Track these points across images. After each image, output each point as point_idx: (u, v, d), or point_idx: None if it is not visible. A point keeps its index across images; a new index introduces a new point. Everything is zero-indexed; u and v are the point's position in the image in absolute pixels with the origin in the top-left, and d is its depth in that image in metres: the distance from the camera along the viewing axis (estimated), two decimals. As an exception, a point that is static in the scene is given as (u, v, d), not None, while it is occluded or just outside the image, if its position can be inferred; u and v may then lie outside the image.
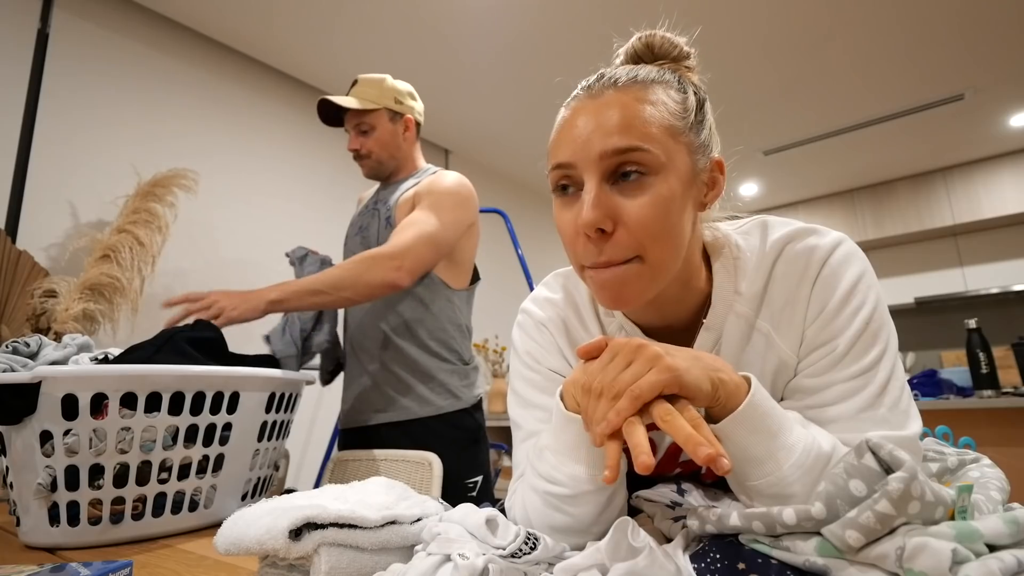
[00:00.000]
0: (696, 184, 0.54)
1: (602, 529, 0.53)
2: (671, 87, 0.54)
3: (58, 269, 1.73)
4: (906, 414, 0.50)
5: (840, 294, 0.53)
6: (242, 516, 0.47)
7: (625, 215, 0.50)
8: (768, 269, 0.56)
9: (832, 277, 0.53)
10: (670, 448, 0.63)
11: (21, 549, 0.70)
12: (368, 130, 1.33)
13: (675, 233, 0.51)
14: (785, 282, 0.55)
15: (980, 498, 0.45)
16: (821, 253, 0.54)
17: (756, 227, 0.59)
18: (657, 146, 0.50)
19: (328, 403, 2.51)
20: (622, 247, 0.50)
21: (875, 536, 0.32)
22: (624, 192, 0.50)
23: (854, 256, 0.54)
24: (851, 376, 0.51)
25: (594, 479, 0.50)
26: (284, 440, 0.96)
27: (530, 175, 3.72)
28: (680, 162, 0.51)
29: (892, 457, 0.33)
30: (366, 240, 1.33)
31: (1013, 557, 0.30)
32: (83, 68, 1.92)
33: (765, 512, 0.36)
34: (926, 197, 3.92)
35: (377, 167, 1.36)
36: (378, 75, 1.38)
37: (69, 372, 0.69)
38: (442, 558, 0.41)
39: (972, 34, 2.41)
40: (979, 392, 2.05)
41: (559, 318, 0.65)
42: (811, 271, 0.54)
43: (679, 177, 0.51)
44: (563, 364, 0.64)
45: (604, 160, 0.50)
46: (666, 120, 0.51)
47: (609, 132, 0.50)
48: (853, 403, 0.50)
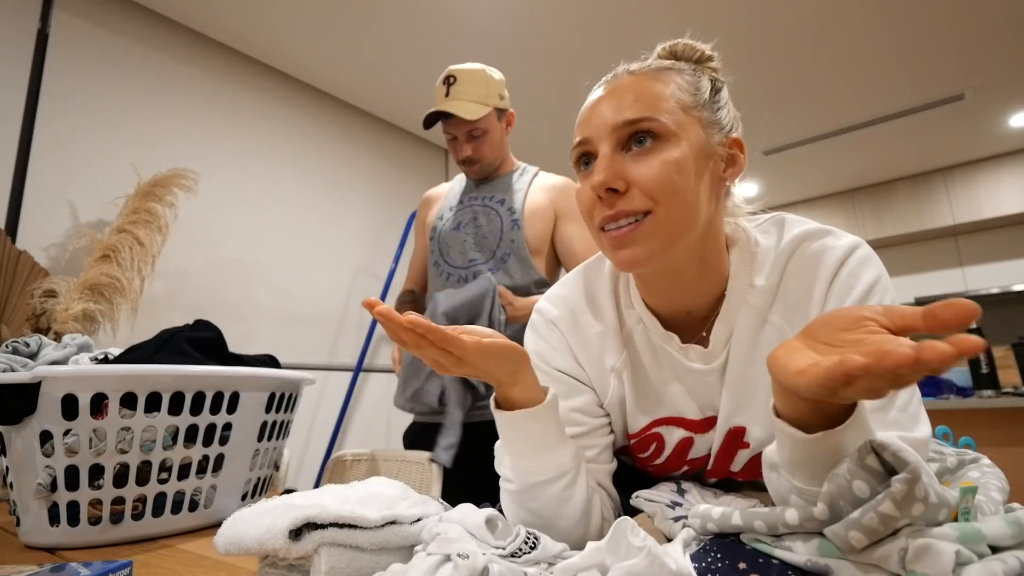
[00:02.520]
0: (712, 158, 0.55)
1: (568, 524, 0.55)
2: (683, 72, 0.57)
3: (58, 269, 1.73)
4: (916, 417, 0.50)
5: (856, 296, 0.53)
6: (242, 516, 0.47)
7: (636, 175, 0.52)
8: (783, 264, 0.56)
9: (850, 279, 0.53)
10: (677, 446, 0.63)
11: (21, 549, 0.70)
12: (481, 135, 1.27)
13: (686, 193, 0.52)
14: (800, 279, 0.56)
15: (981, 499, 0.45)
16: (839, 254, 0.54)
17: (774, 224, 0.60)
18: (666, 116, 0.53)
19: (328, 403, 2.51)
20: (633, 200, 0.52)
21: (878, 537, 0.32)
22: (636, 157, 0.53)
23: (871, 260, 0.54)
24: None
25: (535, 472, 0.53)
26: (284, 440, 0.96)
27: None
28: (692, 133, 0.54)
29: (896, 458, 0.33)
30: (482, 238, 1.28)
31: (1016, 559, 0.30)
32: (83, 68, 1.92)
33: (768, 511, 0.36)
34: (926, 197, 3.92)
35: (487, 169, 1.33)
36: (475, 66, 1.29)
37: (69, 372, 0.69)
38: (442, 558, 0.41)
39: (972, 34, 2.41)
40: (979, 392, 2.05)
41: (570, 313, 0.65)
42: (826, 272, 0.54)
43: (691, 146, 0.53)
44: (570, 363, 0.64)
45: (616, 131, 0.54)
46: (676, 95, 0.55)
47: (621, 107, 0.54)
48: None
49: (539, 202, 1.29)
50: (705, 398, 0.60)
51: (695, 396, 0.60)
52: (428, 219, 1.40)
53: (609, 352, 0.63)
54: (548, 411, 0.53)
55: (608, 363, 0.63)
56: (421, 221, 1.43)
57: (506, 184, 1.33)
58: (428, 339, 0.46)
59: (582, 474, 0.56)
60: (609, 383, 0.63)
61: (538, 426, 0.53)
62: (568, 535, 0.54)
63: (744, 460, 0.61)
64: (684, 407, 0.61)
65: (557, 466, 0.53)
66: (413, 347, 0.47)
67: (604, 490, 0.62)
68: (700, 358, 0.58)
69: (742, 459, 0.61)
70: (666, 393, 0.61)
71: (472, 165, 1.31)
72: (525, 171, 1.37)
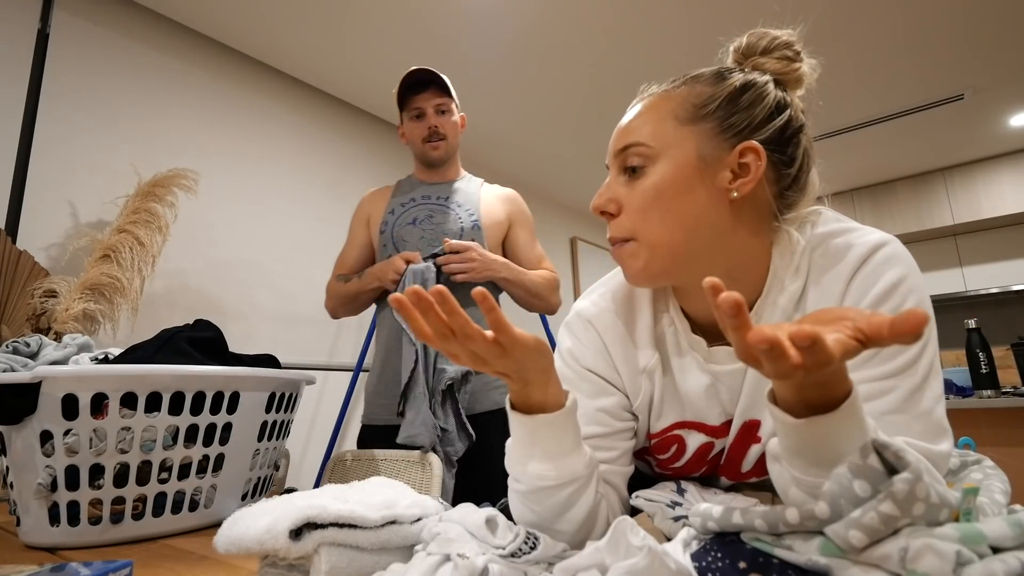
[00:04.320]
0: (713, 169, 0.54)
1: (569, 528, 0.54)
2: (701, 81, 0.57)
3: (58, 269, 1.73)
4: (937, 427, 0.48)
5: (875, 296, 0.51)
6: (242, 516, 0.47)
7: (625, 201, 0.57)
8: (808, 263, 0.56)
9: (871, 276, 0.52)
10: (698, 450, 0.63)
11: (21, 549, 0.70)
12: (447, 111, 1.38)
13: (670, 216, 0.55)
14: (822, 276, 0.55)
15: (984, 500, 0.45)
16: (861, 251, 0.53)
17: (809, 220, 0.58)
18: (653, 138, 0.56)
19: (328, 403, 2.51)
20: (619, 228, 0.57)
21: (878, 537, 0.32)
22: (629, 182, 0.57)
23: (896, 258, 0.53)
24: (880, 376, 0.49)
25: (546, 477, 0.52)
26: (284, 440, 0.96)
27: (530, 175, 3.72)
28: (683, 149, 0.55)
29: (897, 458, 0.33)
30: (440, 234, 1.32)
31: (1017, 560, 0.30)
32: (83, 68, 1.92)
33: (768, 510, 0.36)
34: (926, 197, 3.92)
35: (449, 152, 1.40)
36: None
37: (69, 372, 0.69)
38: (442, 558, 0.41)
39: (972, 34, 2.41)
40: (979, 392, 2.05)
41: (608, 312, 0.65)
42: (847, 268, 0.53)
43: (677, 163, 0.55)
44: (602, 363, 0.64)
45: (617, 157, 0.58)
46: (675, 111, 0.56)
47: (623, 133, 0.58)
48: (879, 404, 0.48)
49: (496, 210, 1.40)
50: (728, 402, 0.60)
51: (718, 400, 0.60)
52: (376, 214, 1.42)
53: (642, 353, 0.63)
54: (567, 417, 0.51)
55: (641, 363, 0.63)
56: (363, 217, 1.45)
57: (457, 188, 1.41)
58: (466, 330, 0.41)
59: (592, 481, 0.54)
60: (640, 384, 0.63)
61: (556, 432, 0.51)
62: (569, 539, 0.54)
63: (755, 457, 0.61)
64: (706, 412, 0.61)
65: (569, 473, 0.52)
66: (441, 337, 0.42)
67: (616, 493, 0.62)
68: (728, 358, 0.59)
69: (753, 456, 0.60)
70: (689, 396, 0.61)
71: (438, 140, 1.37)
72: (471, 179, 1.47)
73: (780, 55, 0.59)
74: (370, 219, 1.43)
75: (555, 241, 4.10)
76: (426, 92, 1.35)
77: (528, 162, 3.49)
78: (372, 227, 1.42)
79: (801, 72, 0.59)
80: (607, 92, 2.68)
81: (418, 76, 1.33)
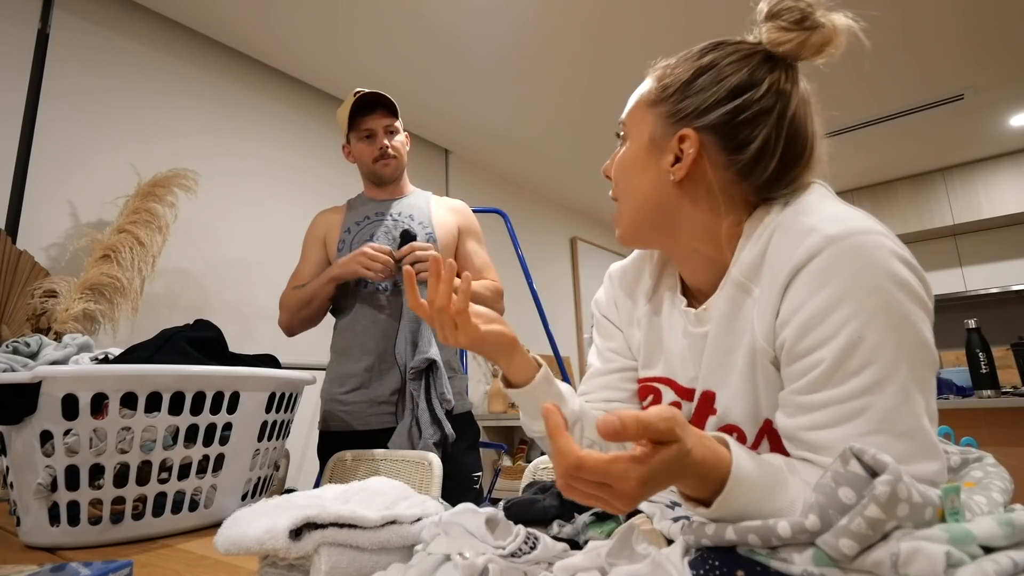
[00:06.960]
0: (657, 150, 0.59)
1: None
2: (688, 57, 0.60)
3: (58, 269, 1.73)
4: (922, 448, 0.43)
5: (808, 315, 0.47)
6: (242, 516, 0.47)
7: (612, 168, 0.66)
8: (768, 236, 0.53)
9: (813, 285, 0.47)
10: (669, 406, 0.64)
11: (21, 549, 0.70)
12: (395, 132, 1.44)
13: (631, 189, 0.63)
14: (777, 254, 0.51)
15: (981, 499, 0.44)
16: (815, 241, 0.47)
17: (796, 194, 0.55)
18: (628, 116, 0.64)
19: (328, 403, 2.51)
20: (612, 189, 0.66)
21: (868, 542, 0.32)
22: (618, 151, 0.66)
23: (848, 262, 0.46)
24: (847, 396, 0.45)
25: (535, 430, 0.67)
26: (284, 440, 0.96)
27: (530, 175, 3.72)
28: (642, 131, 0.61)
29: (875, 461, 0.33)
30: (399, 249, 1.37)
31: (1009, 559, 0.30)
32: (83, 68, 1.92)
33: (760, 525, 0.36)
34: (926, 197, 3.92)
35: (399, 169, 1.46)
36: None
37: (69, 372, 0.69)
38: (442, 558, 0.41)
39: (972, 34, 2.41)
40: (979, 392, 2.05)
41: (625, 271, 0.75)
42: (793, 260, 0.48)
43: (636, 143, 0.62)
44: (612, 311, 0.75)
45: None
46: (646, 95, 0.61)
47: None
48: (850, 428, 0.44)
49: (448, 221, 1.46)
50: (695, 365, 0.62)
51: (689, 360, 0.63)
52: (333, 232, 1.45)
53: (639, 305, 0.71)
54: (536, 389, 0.64)
55: (636, 314, 0.71)
56: (319, 235, 1.47)
57: (409, 203, 1.46)
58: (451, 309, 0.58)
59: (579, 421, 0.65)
60: (634, 332, 0.72)
61: (531, 399, 0.64)
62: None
63: (712, 428, 0.60)
64: (679, 370, 0.64)
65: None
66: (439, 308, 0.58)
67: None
68: (698, 322, 0.62)
69: (711, 426, 0.61)
70: (671, 352, 0.66)
71: (390, 159, 1.42)
72: (419, 192, 1.52)
73: (776, 24, 0.55)
74: (327, 238, 1.45)
75: (555, 241, 4.10)
76: (375, 114, 1.40)
77: (528, 162, 3.49)
78: (329, 245, 1.44)
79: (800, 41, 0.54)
80: (607, 92, 2.68)
81: (367, 98, 1.38)
